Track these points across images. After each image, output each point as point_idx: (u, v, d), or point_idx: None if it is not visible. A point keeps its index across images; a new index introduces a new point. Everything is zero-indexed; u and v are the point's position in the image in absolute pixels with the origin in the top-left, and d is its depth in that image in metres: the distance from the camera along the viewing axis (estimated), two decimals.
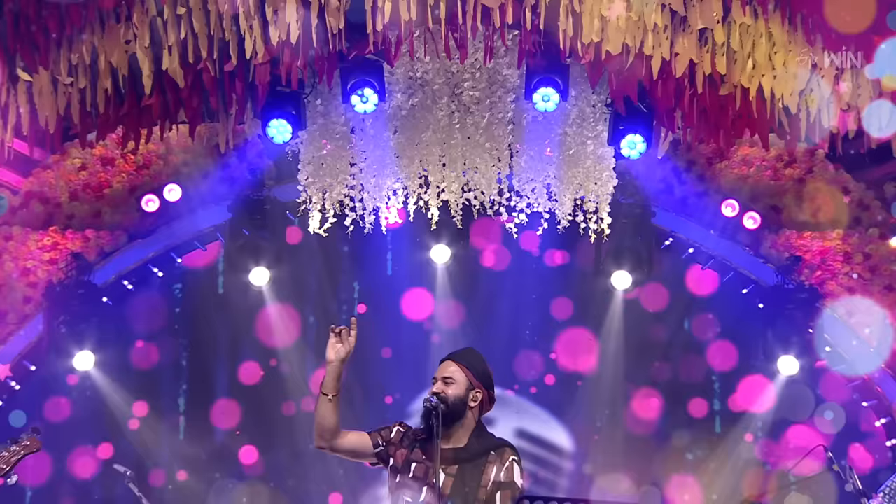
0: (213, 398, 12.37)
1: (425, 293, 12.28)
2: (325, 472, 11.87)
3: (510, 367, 12.16)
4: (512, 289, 12.39)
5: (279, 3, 9.05)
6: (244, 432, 12.27)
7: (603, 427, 12.45)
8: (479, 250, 12.28)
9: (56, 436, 11.30)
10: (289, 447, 11.97)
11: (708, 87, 9.58)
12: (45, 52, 9.33)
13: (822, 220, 11.64)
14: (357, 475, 11.78)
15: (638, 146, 10.42)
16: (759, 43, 9.28)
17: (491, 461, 6.27)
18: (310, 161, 10.83)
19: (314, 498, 12.09)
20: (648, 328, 12.34)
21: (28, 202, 11.45)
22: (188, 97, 9.94)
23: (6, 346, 11.41)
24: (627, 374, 12.30)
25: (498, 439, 6.39)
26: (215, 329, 12.31)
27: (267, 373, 12.30)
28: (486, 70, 10.34)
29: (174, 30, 9.19)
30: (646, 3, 9.09)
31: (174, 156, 11.54)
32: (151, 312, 12.13)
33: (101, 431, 11.89)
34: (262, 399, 12.28)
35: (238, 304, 12.16)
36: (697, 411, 12.36)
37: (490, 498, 6.22)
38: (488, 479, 6.23)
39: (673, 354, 12.44)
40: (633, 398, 12.32)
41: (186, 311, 12.36)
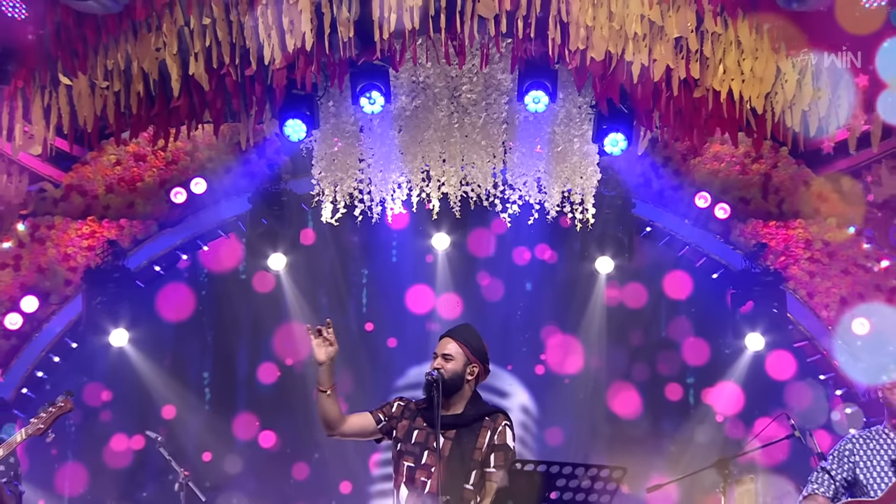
0: (236, 372, 12.36)
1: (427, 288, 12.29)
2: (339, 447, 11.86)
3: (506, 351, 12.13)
4: (506, 275, 12.41)
5: (295, 14, 9.05)
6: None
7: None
8: (476, 241, 12.27)
9: (92, 403, 11.37)
10: (303, 419, 11.92)
11: (683, 90, 9.58)
12: (84, 59, 9.33)
13: (786, 211, 11.64)
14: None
15: (619, 143, 10.45)
16: (728, 50, 9.29)
17: (485, 426, 6.28)
18: (322, 157, 10.85)
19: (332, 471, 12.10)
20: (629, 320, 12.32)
21: (68, 194, 11.45)
22: (212, 99, 9.95)
23: (49, 324, 11.45)
24: (609, 359, 12.29)
25: (491, 406, 6.41)
26: (238, 309, 12.29)
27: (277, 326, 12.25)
28: (483, 74, 10.35)
29: (200, 38, 9.20)
30: (626, 14, 9.10)
31: (200, 152, 11.54)
32: (179, 294, 12.13)
33: (133, 402, 11.89)
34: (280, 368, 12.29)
35: (258, 286, 12.15)
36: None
37: (485, 459, 6.24)
38: (483, 442, 6.25)
39: (652, 331, 12.43)
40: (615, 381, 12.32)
41: (211, 293, 12.33)
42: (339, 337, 6.24)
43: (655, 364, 12.31)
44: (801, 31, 9.11)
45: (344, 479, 12.00)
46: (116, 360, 11.69)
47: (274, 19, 9.13)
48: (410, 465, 6.29)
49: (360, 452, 11.70)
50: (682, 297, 12.28)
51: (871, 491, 6.67)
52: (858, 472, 6.74)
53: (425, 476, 6.21)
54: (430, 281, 12.25)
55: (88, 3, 8.68)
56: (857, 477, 6.73)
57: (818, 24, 9.07)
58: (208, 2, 9.11)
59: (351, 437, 6.48)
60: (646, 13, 9.06)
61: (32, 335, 11.40)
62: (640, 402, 12.24)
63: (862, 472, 6.72)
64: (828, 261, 11.48)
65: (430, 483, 6.19)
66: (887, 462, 6.65)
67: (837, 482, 6.78)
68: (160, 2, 9.11)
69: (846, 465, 6.79)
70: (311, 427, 11.39)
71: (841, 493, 6.80)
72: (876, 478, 6.66)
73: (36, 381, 11.45)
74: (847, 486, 6.78)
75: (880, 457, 6.70)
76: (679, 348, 12.33)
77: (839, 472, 6.80)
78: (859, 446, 6.79)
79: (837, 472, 6.81)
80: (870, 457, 6.73)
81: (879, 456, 6.70)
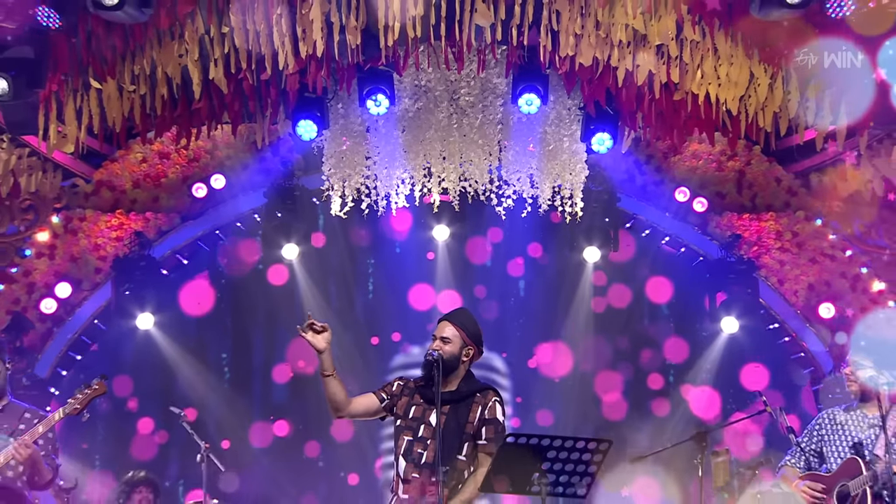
0: (252, 354, 12.37)
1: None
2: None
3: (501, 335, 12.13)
4: (502, 262, 12.40)
5: (307, 23, 9.05)
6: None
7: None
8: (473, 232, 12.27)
9: (121, 383, 11.38)
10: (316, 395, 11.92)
11: (664, 93, 9.59)
12: (113, 65, 9.33)
13: (758, 204, 11.64)
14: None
15: (606, 142, 10.45)
16: (706, 56, 9.29)
17: (477, 402, 6.32)
18: (332, 155, 10.85)
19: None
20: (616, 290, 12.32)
21: (98, 189, 11.44)
22: (231, 102, 9.95)
23: (81, 308, 11.45)
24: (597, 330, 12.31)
25: (483, 383, 6.45)
26: (254, 296, 12.29)
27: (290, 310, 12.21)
28: (479, 79, 10.35)
29: (219, 45, 9.20)
30: (612, 23, 9.11)
31: (219, 151, 11.53)
32: (200, 280, 12.14)
33: (157, 381, 11.90)
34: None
35: (272, 274, 12.15)
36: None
37: (476, 432, 6.29)
38: (475, 417, 6.29)
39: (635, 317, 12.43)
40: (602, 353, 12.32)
41: (230, 281, 12.34)
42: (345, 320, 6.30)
43: (638, 346, 12.34)
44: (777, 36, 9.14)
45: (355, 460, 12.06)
46: (143, 343, 11.70)
47: (287, 28, 9.13)
48: (409, 438, 6.33)
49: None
50: (663, 285, 12.29)
51: (830, 465, 6.72)
52: (823, 446, 6.80)
53: (421, 448, 6.26)
54: (432, 276, 12.26)
55: (117, 14, 8.67)
56: (823, 450, 6.78)
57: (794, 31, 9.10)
58: (227, 11, 9.11)
59: (357, 416, 6.52)
60: (630, 22, 9.06)
61: (66, 319, 11.40)
62: (621, 380, 12.28)
63: (826, 446, 6.79)
64: (797, 250, 11.48)
65: (426, 454, 6.23)
66: (849, 441, 6.69)
67: (808, 454, 6.85)
68: (182, 12, 9.11)
69: (815, 439, 6.86)
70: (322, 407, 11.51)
71: (813, 464, 6.86)
72: (835, 453, 6.73)
73: (69, 361, 11.47)
74: (818, 457, 6.82)
75: (846, 435, 6.74)
76: (659, 331, 12.35)
77: (809, 445, 6.87)
78: (828, 422, 6.84)
79: (807, 445, 6.88)
80: (836, 433, 6.79)
81: (845, 434, 6.75)
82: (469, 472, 6.28)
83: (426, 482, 6.19)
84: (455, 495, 6.16)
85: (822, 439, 6.83)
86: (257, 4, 9.09)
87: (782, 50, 9.29)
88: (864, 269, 11.33)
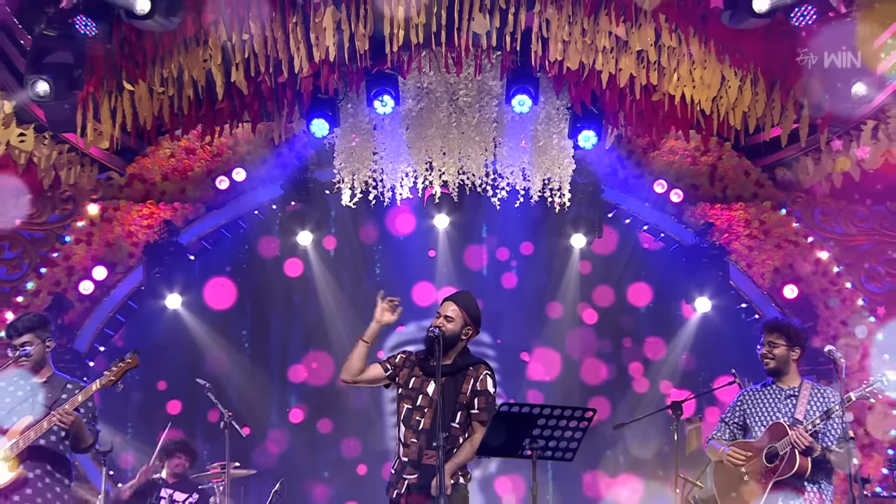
0: (270, 333, 12.37)
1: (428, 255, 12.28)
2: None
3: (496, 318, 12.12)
4: (497, 249, 12.41)
5: (319, 31, 9.05)
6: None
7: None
8: (471, 220, 12.26)
9: (151, 357, 11.39)
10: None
11: (643, 95, 9.59)
12: (144, 68, 9.32)
13: (729, 195, 11.65)
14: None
15: (591, 139, 10.47)
16: (682, 61, 9.28)
17: (469, 374, 6.35)
18: (342, 150, 10.85)
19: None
20: (600, 272, 12.32)
21: (131, 182, 11.45)
22: (251, 102, 9.96)
23: (116, 290, 11.44)
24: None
25: (476, 358, 6.47)
26: (272, 279, 12.30)
27: (306, 292, 12.28)
28: (476, 81, 10.35)
29: (240, 51, 9.19)
30: (597, 31, 9.10)
31: (240, 146, 11.53)
32: (223, 263, 12.15)
33: (185, 355, 11.93)
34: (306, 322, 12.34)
35: (288, 257, 12.14)
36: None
37: (469, 402, 6.32)
38: (467, 388, 6.32)
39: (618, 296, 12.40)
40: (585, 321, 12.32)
41: (251, 265, 12.34)
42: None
43: (619, 325, 12.34)
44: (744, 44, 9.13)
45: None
46: (171, 321, 11.71)
47: (302, 35, 9.14)
48: (409, 406, 6.36)
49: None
50: (642, 269, 12.29)
51: (755, 433, 6.81)
52: (747, 418, 6.92)
53: (419, 416, 6.29)
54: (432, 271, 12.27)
55: (147, 22, 8.66)
56: (746, 422, 6.87)
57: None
58: (247, 20, 9.10)
59: (364, 383, 6.56)
60: (613, 30, 9.07)
61: (102, 299, 11.39)
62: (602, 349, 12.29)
63: (749, 418, 6.90)
64: (763, 237, 11.49)
65: (423, 421, 6.27)
66: (770, 411, 6.80)
67: (731, 427, 7.00)
68: (207, 20, 9.10)
69: (737, 413, 7.00)
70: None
71: (738, 435, 7.00)
72: (758, 423, 6.84)
73: (104, 337, 11.48)
74: (741, 429, 6.93)
75: (767, 406, 6.85)
76: (637, 308, 12.35)
77: (732, 419, 7.02)
78: (749, 398, 6.98)
79: (730, 419, 7.03)
80: (757, 406, 6.90)
81: (766, 406, 6.86)
82: (463, 438, 6.31)
83: (423, 446, 6.22)
84: (450, 458, 6.18)
85: (744, 413, 6.95)
86: (275, 14, 9.09)
87: (751, 55, 9.30)
88: (824, 254, 11.34)
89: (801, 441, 6.47)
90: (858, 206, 11.35)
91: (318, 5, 9.01)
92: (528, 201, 11.01)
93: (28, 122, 9.80)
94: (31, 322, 6.81)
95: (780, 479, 6.54)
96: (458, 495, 6.16)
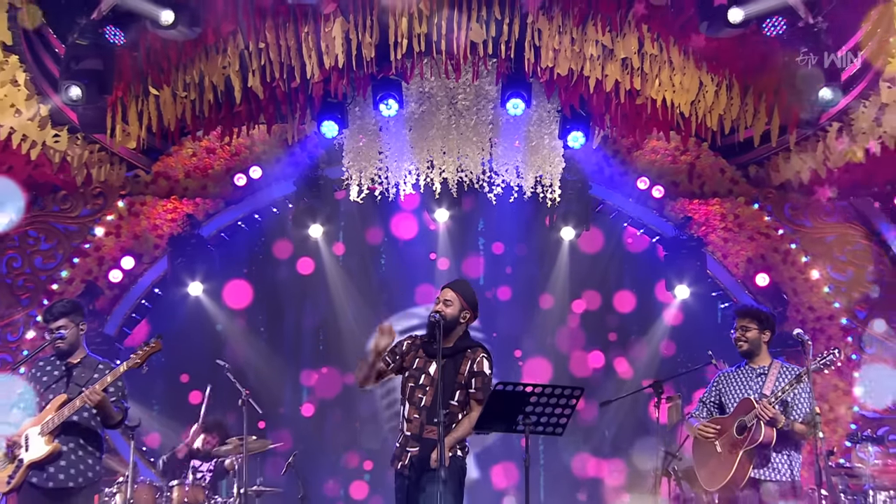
0: (284, 314, 12.35)
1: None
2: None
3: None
4: (492, 240, 12.40)
5: (329, 40, 9.07)
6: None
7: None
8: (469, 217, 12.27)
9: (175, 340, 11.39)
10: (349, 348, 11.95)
11: (627, 99, 9.60)
12: (168, 74, 9.35)
13: (706, 192, 11.64)
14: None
15: (579, 139, 10.47)
16: (663, 68, 9.30)
17: (467, 356, 6.36)
18: (350, 150, 10.85)
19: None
20: (587, 277, 12.30)
21: (156, 179, 11.44)
22: (266, 105, 9.97)
23: (142, 278, 11.46)
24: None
25: (474, 341, 6.48)
26: (286, 266, 12.29)
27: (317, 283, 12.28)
28: (474, 86, 10.35)
29: (256, 59, 9.21)
30: (585, 40, 9.12)
31: (256, 146, 11.52)
32: (240, 255, 12.15)
33: (206, 338, 11.94)
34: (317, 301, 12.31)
35: (300, 251, 12.15)
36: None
37: (467, 382, 6.34)
38: (465, 369, 6.33)
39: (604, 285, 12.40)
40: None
41: (266, 254, 12.33)
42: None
43: (606, 307, 12.33)
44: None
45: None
46: (193, 306, 11.72)
47: (313, 44, 9.16)
48: (412, 385, 6.39)
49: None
50: (626, 259, 12.29)
51: (729, 410, 6.86)
52: (722, 397, 6.99)
53: (421, 394, 6.32)
54: (434, 249, 12.27)
55: (171, 32, 8.68)
56: (722, 400, 6.93)
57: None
58: (262, 30, 9.12)
59: (376, 384, 6.54)
60: (600, 39, 9.09)
61: (129, 287, 11.40)
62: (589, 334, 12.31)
63: (724, 396, 6.98)
64: (738, 230, 11.50)
65: (425, 399, 6.29)
66: (742, 389, 6.86)
67: (708, 406, 7.06)
68: (226, 31, 9.13)
69: (714, 393, 7.06)
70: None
71: (715, 413, 7.07)
72: (732, 400, 6.90)
73: (132, 322, 11.49)
74: (718, 408, 6.97)
75: (739, 385, 6.91)
76: (622, 296, 12.34)
77: (709, 398, 7.09)
78: (724, 379, 7.06)
79: (707, 398, 7.11)
80: (732, 386, 6.96)
81: (739, 385, 6.92)
82: (462, 414, 6.33)
83: (425, 421, 6.25)
84: (449, 433, 6.21)
85: (720, 392, 7.01)
86: (288, 24, 9.10)
87: (726, 62, 9.31)
88: (793, 245, 11.35)
89: (765, 412, 6.51)
90: (824, 202, 11.35)
91: (328, 17, 9.02)
92: (521, 197, 11.02)
93: (62, 124, 9.81)
94: (65, 307, 6.83)
95: (749, 449, 6.59)
96: (455, 466, 6.18)
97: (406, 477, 6.26)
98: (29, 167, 10.17)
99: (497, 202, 11.03)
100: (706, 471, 6.86)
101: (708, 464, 6.84)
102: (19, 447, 6.64)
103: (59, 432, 6.63)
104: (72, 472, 6.65)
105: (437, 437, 5.98)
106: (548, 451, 11.93)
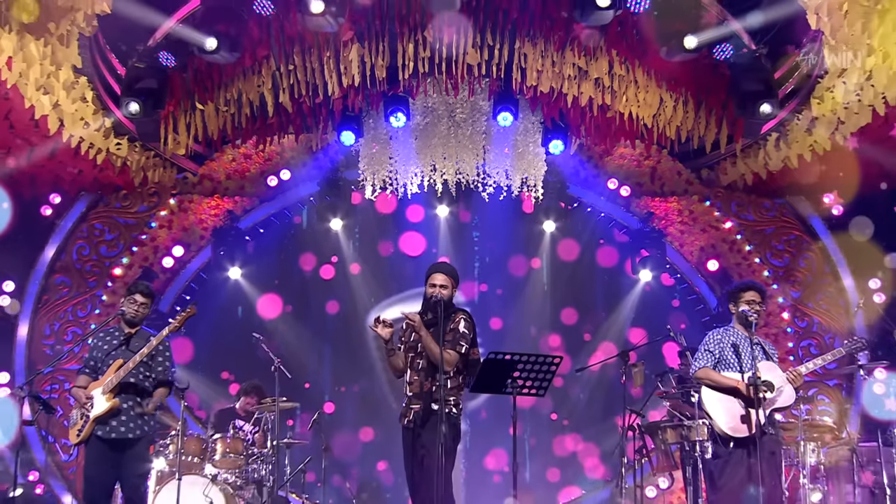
0: (309, 296, 12.24)
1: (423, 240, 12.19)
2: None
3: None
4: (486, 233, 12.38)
5: (347, 62, 9.07)
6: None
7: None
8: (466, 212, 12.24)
9: (217, 316, 11.41)
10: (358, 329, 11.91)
11: (600, 112, 9.62)
12: (212, 91, 9.36)
13: (665, 191, 11.62)
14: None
15: (559, 147, 10.50)
16: (629, 86, 9.31)
17: (451, 320, 6.37)
18: (365, 156, 10.86)
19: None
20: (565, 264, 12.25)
21: (202, 180, 11.42)
22: (294, 118, 9.98)
23: (190, 264, 11.49)
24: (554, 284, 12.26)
25: (458, 308, 6.49)
26: (311, 254, 12.23)
27: (338, 270, 12.17)
28: (470, 101, 10.37)
29: (286, 78, 9.22)
30: (563, 62, 9.12)
31: (286, 153, 11.51)
32: (272, 245, 12.12)
33: (243, 314, 11.89)
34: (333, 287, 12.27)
35: (323, 241, 12.12)
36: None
37: (452, 339, 6.30)
38: (448, 329, 6.31)
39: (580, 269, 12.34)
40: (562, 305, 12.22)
41: (295, 245, 12.26)
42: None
43: (581, 289, 12.25)
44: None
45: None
46: (232, 288, 11.72)
47: (334, 66, 9.16)
48: (412, 355, 6.43)
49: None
50: (598, 248, 12.26)
51: (731, 360, 6.63)
52: (724, 352, 6.70)
53: (420, 359, 6.39)
54: (434, 243, 12.23)
55: (215, 56, 8.70)
56: (723, 355, 6.64)
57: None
58: (291, 55, 9.11)
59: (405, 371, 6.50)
60: (576, 62, 9.10)
61: (179, 271, 11.44)
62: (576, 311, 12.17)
63: (726, 351, 6.67)
64: (692, 223, 11.49)
65: (422, 363, 6.34)
66: (733, 346, 6.62)
67: (716, 356, 6.68)
68: (261, 55, 9.13)
69: (719, 346, 6.68)
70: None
71: (716, 365, 6.81)
72: (735, 358, 6.58)
73: (182, 301, 11.48)
74: (717, 361, 6.70)
75: (728, 342, 6.68)
76: (594, 279, 12.30)
77: (717, 349, 6.68)
78: (721, 335, 6.72)
79: (716, 350, 6.67)
80: (725, 343, 6.69)
81: (728, 342, 6.68)
82: (453, 370, 6.28)
83: (423, 380, 6.30)
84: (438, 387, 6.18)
85: (720, 347, 6.71)
86: (313, 49, 9.10)
87: (683, 82, 9.30)
88: (739, 236, 11.35)
89: (797, 379, 6.52)
90: (764, 199, 11.34)
91: (347, 43, 9.03)
92: (510, 195, 11.02)
93: (123, 134, 9.82)
94: (152, 292, 7.05)
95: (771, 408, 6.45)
96: (449, 423, 6.18)
97: (411, 430, 6.29)
98: (95, 171, 10.18)
99: (489, 200, 11.03)
100: (729, 416, 6.49)
101: (734, 412, 6.49)
102: (88, 406, 6.66)
103: (118, 391, 6.67)
104: (130, 426, 6.68)
105: (434, 392, 6.09)
106: (534, 444, 11.78)
